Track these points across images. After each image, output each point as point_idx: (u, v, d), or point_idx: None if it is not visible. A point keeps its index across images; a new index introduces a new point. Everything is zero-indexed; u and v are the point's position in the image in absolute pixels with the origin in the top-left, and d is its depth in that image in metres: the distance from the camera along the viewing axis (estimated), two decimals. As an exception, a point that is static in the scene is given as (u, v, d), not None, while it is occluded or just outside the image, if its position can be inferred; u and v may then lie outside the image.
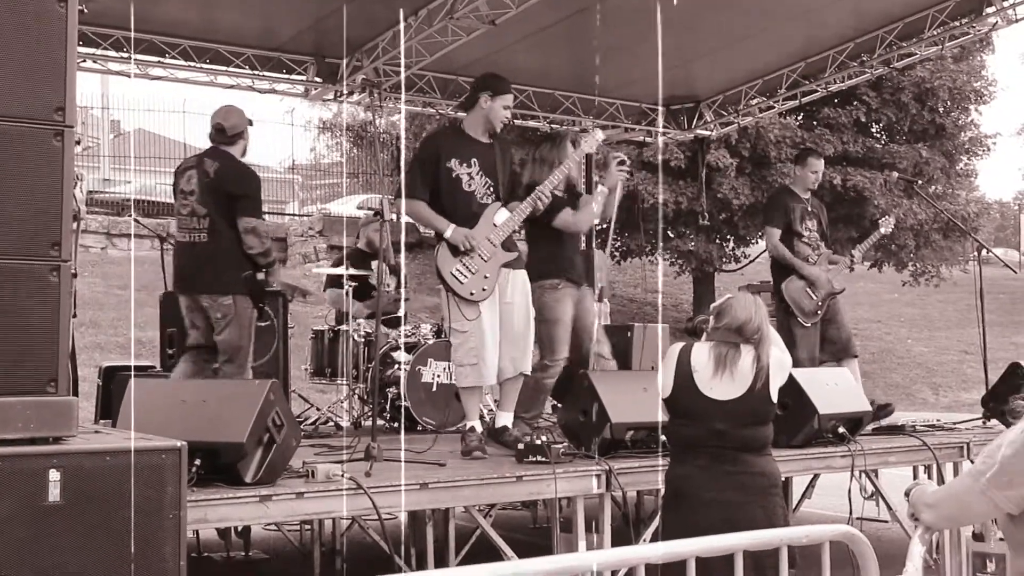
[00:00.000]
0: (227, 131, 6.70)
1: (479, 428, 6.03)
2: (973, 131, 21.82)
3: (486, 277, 6.01)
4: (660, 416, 4.67)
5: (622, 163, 6.73)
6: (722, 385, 4.41)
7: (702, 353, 4.49)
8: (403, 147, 20.44)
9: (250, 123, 6.85)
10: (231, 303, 6.60)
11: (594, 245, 7.80)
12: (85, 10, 3.63)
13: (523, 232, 6.90)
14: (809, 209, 8.28)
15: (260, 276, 6.69)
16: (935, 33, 9.86)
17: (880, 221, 8.88)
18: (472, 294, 5.97)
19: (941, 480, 6.74)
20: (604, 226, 7.11)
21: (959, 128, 21.28)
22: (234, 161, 6.77)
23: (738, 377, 4.41)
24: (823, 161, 8.70)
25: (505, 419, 6.29)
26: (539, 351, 6.64)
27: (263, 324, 7.16)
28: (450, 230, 6.01)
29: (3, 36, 3.41)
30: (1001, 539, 5.15)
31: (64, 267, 3.47)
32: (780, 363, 4.54)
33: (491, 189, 6.18)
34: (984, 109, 22.73)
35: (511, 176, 6.37)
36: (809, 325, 8.08)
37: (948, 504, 2.88)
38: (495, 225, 6.10)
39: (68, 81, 3.50)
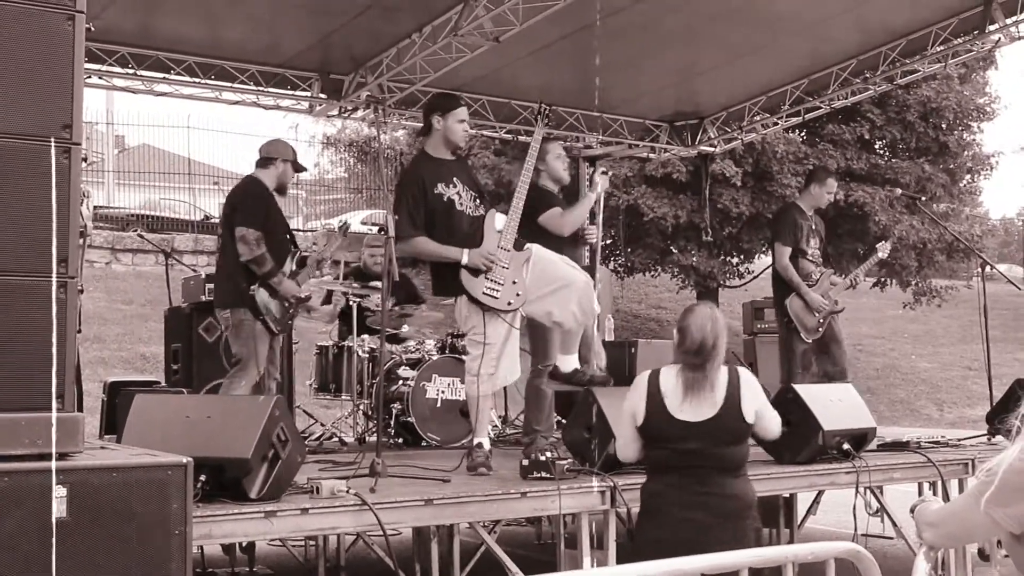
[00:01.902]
0: (260, 154, 7.19)
1: (486, 445, 6.02)
2: (975, 149, 21.78)
3: (515, 283, 6.01)
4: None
5: (604, 172, 6.82)
6: (692, 408, 4.42)
7: (669, 377, 4.50)
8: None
9: (293, 163, 7.24)
10: (229, 315, 6.97)
11: (598, 261, 7.78)
12: (92, 28, 3.64)
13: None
14: (813, 227, 8.39)
15: (255, 288, 6.91)
16: (938, 50, 9.90)
17: (878, 246, 8.97)
18: (510, 303, 5.98)
19: (947, 497, 6.74)
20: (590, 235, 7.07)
21: (962, 147, 21.25)
22: (246, 180, 7.19)
23: (708, 398, 4.41)
24: (837, 183, 8.81)
25: (573, 362, 6.34)
26: (532, 356, 6.66)
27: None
28: (465, 256, 5.95)
29: (11, 54, 3.43)
30: (1006, 555, 5.15)
31: (71, 283, 3.48)
32: (750, 383, 4.53)
33: (477, 201, 6.20)
34: (987, 126, 22.72)
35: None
36: (810, 341, 8.23)
37: (949, 523, 2.87)
38: (499, 232, 6.10)
39: (75, 99, 3.52)
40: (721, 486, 4.41)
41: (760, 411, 4.54)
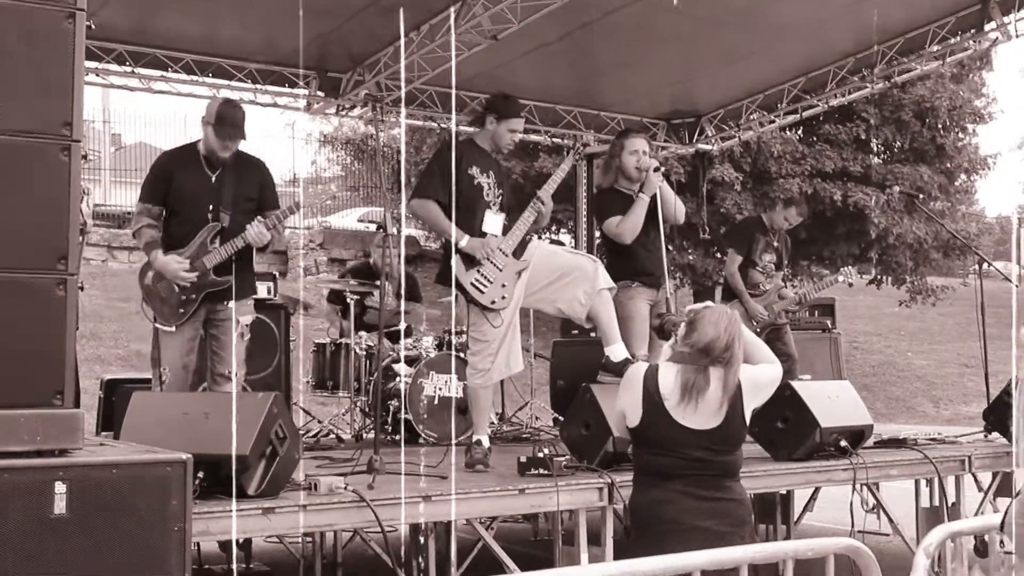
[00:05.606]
0: None
1: (486, 442, 6.03)
2: (972, 152, 21.74)
3: (504, 286, 5.99)
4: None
5: (656, 169, 6.73)
6: (695, 414, 4.15)
7: (668, 377, 4.21)
8: (403, 161, 20.47)
9: (212, 125, 6.23)
10: None
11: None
12: (92, 26, 3.65)
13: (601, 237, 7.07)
14: (774, 244, 9.02)
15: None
16: (935, 49, 9.91)
17: (843, 269, 9.95)
18: (494, 303, 5.95)
19: (943, 494, 6.76)
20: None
21: (958, 149, 21.22)
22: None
23: (710, 405, 4.15)
24: (803, 217, 9.43)
25: (621, 351, 6.08)
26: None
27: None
28: (465, 240, 5.94)
29: (12, 51, 3.44)
30: (1008, 552, 5.15)
31: (71, 281, 3.49)
32: (754, 383, 4.29)
33: (502, 200, 6.21)
34: (983, 129, 22.60)
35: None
36: None
37: None
38: (503, 235, 6.09)
39: (75, 96, 3.52)
40: (729, 491, 4.22)
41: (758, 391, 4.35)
